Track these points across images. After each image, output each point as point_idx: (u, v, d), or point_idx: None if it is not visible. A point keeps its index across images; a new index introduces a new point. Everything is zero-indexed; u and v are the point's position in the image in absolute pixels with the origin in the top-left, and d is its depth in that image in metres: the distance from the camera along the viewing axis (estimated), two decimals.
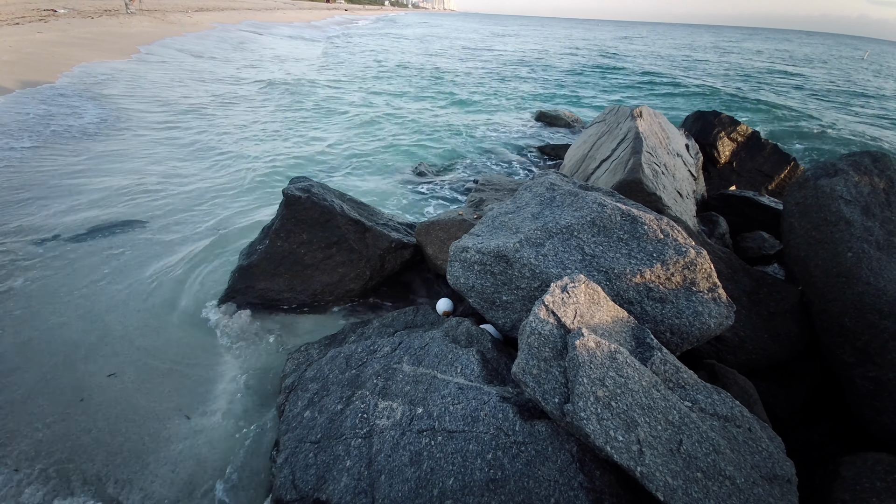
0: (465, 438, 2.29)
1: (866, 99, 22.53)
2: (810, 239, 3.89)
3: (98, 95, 11.72)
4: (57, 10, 27.27)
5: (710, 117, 8.70)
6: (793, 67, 35.57)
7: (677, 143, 6.99)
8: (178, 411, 3.35)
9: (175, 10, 39.30)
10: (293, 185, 4.82)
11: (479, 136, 12.25)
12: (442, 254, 4.63)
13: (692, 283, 2.93)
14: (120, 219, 5.98)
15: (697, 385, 2.35)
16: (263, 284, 4.47)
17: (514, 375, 2.26)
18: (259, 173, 8.11)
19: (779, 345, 3.61)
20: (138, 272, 4.91)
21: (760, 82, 25.93)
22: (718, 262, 4.08)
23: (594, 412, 1.97)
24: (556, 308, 2.42)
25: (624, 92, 21.68)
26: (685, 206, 5.12)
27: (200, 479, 2.92)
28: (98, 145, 8.53)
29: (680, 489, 1.83)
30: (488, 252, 3.19)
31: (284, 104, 13.92)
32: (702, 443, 2.02)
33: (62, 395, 3.37)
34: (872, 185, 4.05)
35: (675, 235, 3.11)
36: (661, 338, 2.78)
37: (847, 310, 3.40)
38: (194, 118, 11.16)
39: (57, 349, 3.78)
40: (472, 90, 19.31)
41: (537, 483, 2.05)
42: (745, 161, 8.26)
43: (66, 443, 3.03)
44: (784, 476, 2.11)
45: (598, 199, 3.42)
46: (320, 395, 3.04)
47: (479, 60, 29.99)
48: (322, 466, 2.54)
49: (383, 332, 3.61)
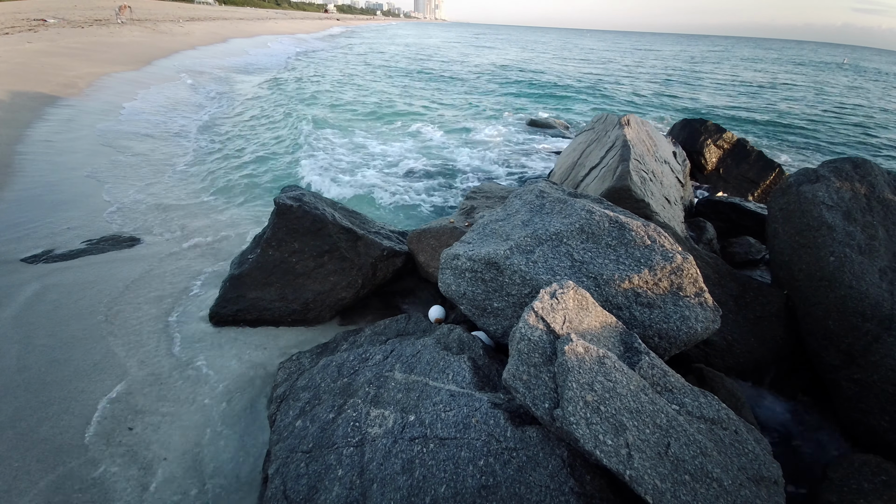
0: (457, 445, 2.30)
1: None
2: (794, 244, 3.98)
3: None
4: (47, 19, 27.17)
5: (696, 125, 8.87)
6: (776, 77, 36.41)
7: (665, 150, 7.11)
8: (162, 417, 3.32)
9: (166, 20, 39.33)
10: (285, 194, 4.83)
11: (470, 145, 12.36)
12: (433, 261, 4.65)
13: (679, 288, 2.98)
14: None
15: (685, 388, 2.38)
16: (255, 294, 4.45)
17: (505, 381, 2.28)
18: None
19: (765, 348, 3.66)
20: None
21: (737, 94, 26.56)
22: (705, 268, 4.15)
23: (583, 417, 1.99)
24: (545, 314, 2.44)
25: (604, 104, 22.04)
26: (673, 212, 5.20)
27: (188, 486, 2.89)
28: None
29: (668, 492, 1.85)
30: (479, 259, 3.22)
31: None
32: (689, 445, 2.04)
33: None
34: (853, 191, 4.15)
35: (662, 241, 3.17)
36: (650, 342, 2.82)
37: (831, 313, 3.47)
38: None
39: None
40: (465, 98, 19.50)
41: (529, 489, 2.06)
42: (731, 168, 8.42)
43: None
44: (771, 478, 2.14)
45: (587, 207, 3.47)
46: (312, 404, 3.03)
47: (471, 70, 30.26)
48: (314, 476, 2.52)
49: (375, 340, 3.62)
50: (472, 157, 11.19)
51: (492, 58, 41.32)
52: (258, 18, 67.60)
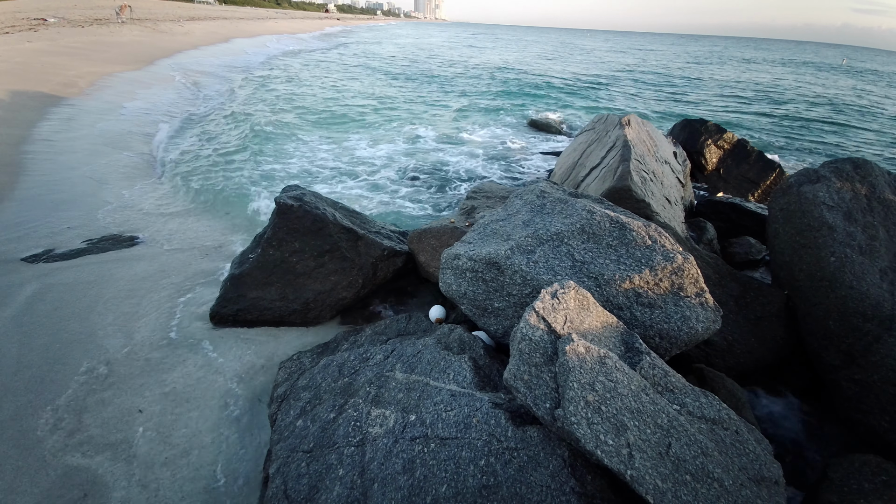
0: (458, 445, 2.30)
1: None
2: (794, 244, 3.98)
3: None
4: (47, 19, 27.16)
5: (696, 125, 8.87)
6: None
7: (665, 150, 7.11)
8: (163, 415, 3.32)
9: (166, 20, 39.31)
10: (285, 194, 4.83)
11: (471, 144, 12.35)
12: (434, 261, 4.65)
13: (680, 288, 2.98)
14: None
15: (685, 388, 2.38)
16: (255, 293, 4.45)
17: (506, 381, 2.28)
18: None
19: (766, 348, 3.66)
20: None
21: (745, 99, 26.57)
22: (706, 268, 4.15)
23: (584, 416, 1.99)
24: (546, 314, 2.45)
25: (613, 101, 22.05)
26: (673, 212, 5.20)
27: (189, 489, 2.89)
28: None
29: (669, 492, 1.85)
30: (480, 259, 3.22)
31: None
32: (690, 446, 2.04)
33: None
34: (854, 191, 4.15)
35: (663, 241, 3.17)
36: (650, 342, 2.82)
37: (831, 313, 3.47)
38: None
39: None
40: (461, 98, 19.48)
41: (530, 489, 2.06)
42: (732, 168, 8.42)
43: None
44: (771, 478, 2.14)
45: (588, 207, 3.48)
46: (313, 403, 3.03)
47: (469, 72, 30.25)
48: (315, 476, 2.53)
49: (376, 340, 3.62)
50: (472, 158, 11.18)
51: (491, 58, 41.30)
52: (258, 18, 67.59)
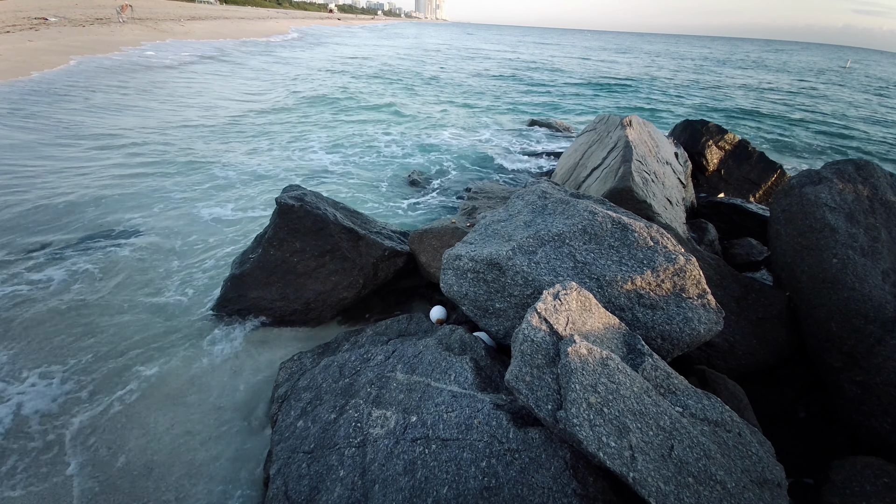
0: (459, 446, 2.29)
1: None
2: (796, 245, 3.97)
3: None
4: (48, 18, 27.16)
5: (698, 126, 8.85)
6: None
7: (666, 151, 7.10)
8: (171, 426, 3.31)
9: (167, 19, 39.31)
10: (286, 194, 4.82)
11: (471, 144, 12.34)
12: (435, 262, 4.64)
13: (682, 289, 2.97)
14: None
15: (688, 390, 2.37)
16: (256, 293, 4.44)
17: (508, 383, 2.27)
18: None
19: (767, 350, 3.65)
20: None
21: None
22: (707, 269, 4.14)
23: (587, 418, 1.98)
24: (548, 315, 2.44)
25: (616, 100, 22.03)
26: (675, 213, 5.19)
27: (188, 487, 2.89)
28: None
29: (672, 494, 1.85)
30: (481, 260, 3.22)
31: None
32: (693, 448, 2.04)
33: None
34: (856, 193, 4.14)
35: (665, 242, 3.16)
36: (653, 344, 2.81)
37: (833, 315, 3.46)
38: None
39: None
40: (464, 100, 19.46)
41: (531, 490, 2.05)
42: (733, 169, 8.40)
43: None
44: (774, 480, 2.13)
45: (590, 207, 3.47)
46: (313, 404, 3.02)
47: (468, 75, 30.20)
48: (315, 477, 2.52)
49: (377, 341, 3.61)
50: (472, 158, 11.17)
51: (491, 58, 41.29)
52: (259, 18, 67.61)
